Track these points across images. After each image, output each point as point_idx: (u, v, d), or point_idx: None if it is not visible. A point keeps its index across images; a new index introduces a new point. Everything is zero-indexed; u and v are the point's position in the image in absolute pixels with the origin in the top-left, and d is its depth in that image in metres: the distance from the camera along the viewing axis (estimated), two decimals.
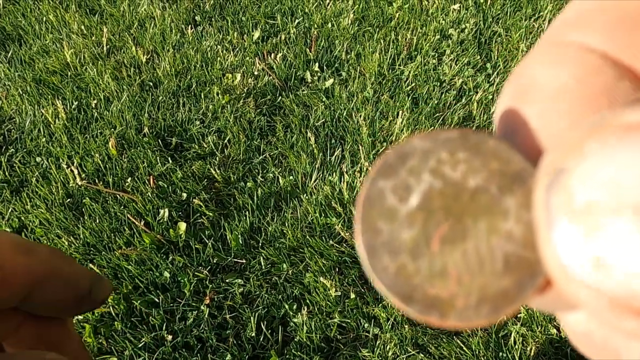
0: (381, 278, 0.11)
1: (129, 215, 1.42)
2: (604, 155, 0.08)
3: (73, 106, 1.74)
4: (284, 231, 1.42)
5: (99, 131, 1.68)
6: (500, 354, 1.21)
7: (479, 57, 1.95)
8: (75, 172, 1.50)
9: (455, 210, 0.11)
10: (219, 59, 1.91)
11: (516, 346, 1.22)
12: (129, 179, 1.53)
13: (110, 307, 1.25)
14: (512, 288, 0.10)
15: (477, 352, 1.21)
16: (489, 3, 2.19)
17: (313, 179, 1.54)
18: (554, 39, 0.11)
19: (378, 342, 1.23)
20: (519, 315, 1.27)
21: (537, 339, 1.23)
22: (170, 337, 1.22)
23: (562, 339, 1.21)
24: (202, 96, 1.79)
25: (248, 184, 1.53)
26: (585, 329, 0.11)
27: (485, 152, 0.11)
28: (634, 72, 0.10)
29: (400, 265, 0.11)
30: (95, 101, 1.76)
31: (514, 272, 0.10)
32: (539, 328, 1.24)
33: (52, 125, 1.69)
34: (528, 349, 1.22)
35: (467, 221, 0.11)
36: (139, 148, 1.62)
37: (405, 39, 2.00)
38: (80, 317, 1.24)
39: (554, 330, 1.23)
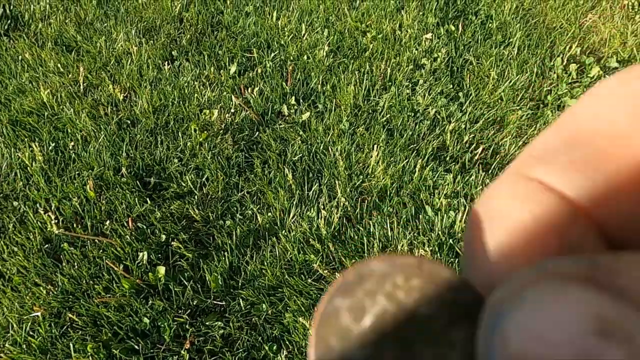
0: None
1: (107, 261, 1.42)
2: (538, 307, 0.08)
3: (50, 148, 1.75)
4: (263, 270, 1.43)
5: (76, 173, 1.68)
6: None
7: (451, 85, 2.00)
8: (53, 217, 1.50)
9: (406, 335, 0.11)
10: (196, 95, 1.93)
11: None
12: (107, 221, 1.54)
13: (90, 357, 1.25)
14: None
15: None
16: (460, 31, 2.25)
17: (291, 215, 1.56)
18: (519, 172, 0.11)
19: None
20: None
21: None
22: None
23: None
24: (180, 133, 1.80)
25: (227, 222, 1.54)
26: None
27: (439, 281, 0.11)
28: (589, 215, 0.10)
29: None
30: (72, 142, 1.76)
31: None
32: None
33: (29, 168, 1.69)
34: None
35: (415, 348, 0.11)
36: (117, 189, 1.62)
37: (380, 70, 2.04)
38: None
39: None
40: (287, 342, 1.30)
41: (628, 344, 0.07)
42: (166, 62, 2.08)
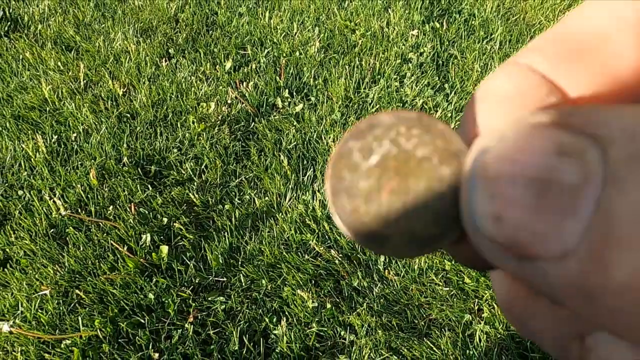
0: (339, 214, 0.14)
1: (112, 242, 1.48)
2: (514, 141, 0.10)
3: (53, 140, 1.81)
4: (262, 249, 1.50)
5: (79, 163, 1.74)
6: (467, 351, 1.31)
7: (437, 78, 2.10)
8: (58, 202, 1.56)
9: (404, 171, 0.13)
10: (193, 89, 2.01)
11: (481, 343, 1.32)
12: (111, 207, 1.60)
13: (98, 330, 1.31)
14: (436, 234, 0.13)
15: (445, 351, 1.31)
16: (444, 28, 2.35)
17: (287, 199, 1.63)
18: (513, 59, 0.14)
19: (354, 348, 1.31)
20: (483, 315, 1.37)
21: (500, 336, 1.33)
22: (156, 356, 1.28)
23: None
24: (179, 125, 1.87)
25: (226, 206, 1.61)
26: (505, 295, 0.14)
27: (434, 132, 0.14)
28: (563, 92, 0.13)
29: (355, 206, 0.13)
30: (74, 134, 1.83)
31: (439, 224, 0.13)
32: (501, 325, 1.34)
33: (32, 159, 1.74)
34: (492, 345, 1.32)
35: (411, 181, 0.13)
36: (119, 177, 1.69)
37: (369, 64, 2.14)
38: (68, 341, 1.29)
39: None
40: (286, 314, 1.37)
41: (580, 159, 0.09)
42: (163, 59, 2.16)
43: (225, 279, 1.45)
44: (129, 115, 1.92)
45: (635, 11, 0.12)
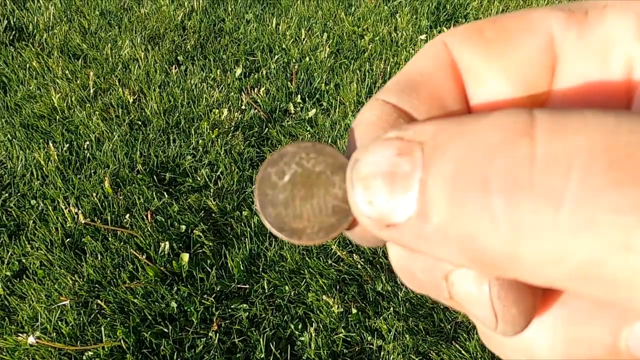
0: (267, 219, 0.18)
1: (131, 250, 1.45)
2: (373, 152, 0.15)
3: (64, 148, 1.78)
4: (283, 255, 1.48)
5: (92, 171, 1.72)
6: (496, 355, 1.30)
7: None
8: (74, 211, 1.53)
9: (308, 183, 0.18)
10: (204, 95, 2.00)
11: None
12: (127, 215, 1.57)
13: (121, 341, 1.28)
14: (336, 223, 0.18)
15: (474, 355, 1.29)
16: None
17: None
18: (375, 97, 0.19)
19: (382, 353, 1.30)
20: None
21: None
22: None
23: None
24: (192, 132, 1.86)
25: (244, 212, 1.59)
26: (396, 262, 0.18)
27: (325, 153, 0.19)
28: (408, 115, 0.18)
29: (277, 212, 0.18)
30: (86, 142, 1.80)
31: (337, 215, 0.18)
32: None
33: (44, 168, 1.72)
34: None
35: (314, 189, 0.18)
36: (133, 185, 1.66)
37: (379, 69, 2.14)
38: (90, 352, 1.26)
39: None
40: (312, 320, 1.35)
41: (411, 155, 0.14)
42: (173, 66, 2.15)
43: (247, 286, 1.42)
44: (140, 123, 1.90)
45: (448, 54, 0.19)
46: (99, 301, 1.35)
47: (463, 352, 1.30)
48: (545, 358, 0.16)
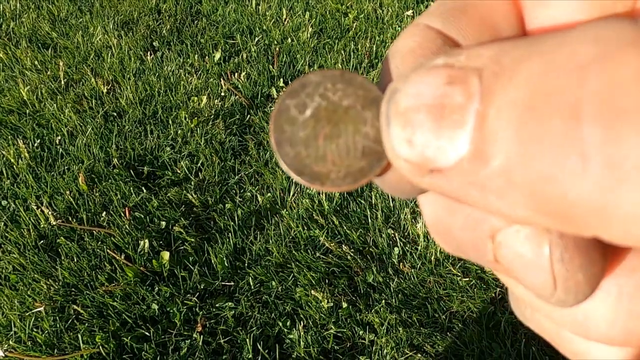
0: (284, 160, 0.16)
1: (108, 250, 1.38)
2: (417, 81, 0.13)
3: (35, 144, 1.69)
4: (269, 249, 1.42)
5: (66, 167, 1.63)
6: (492, 344, 1.25)
7: None
8: (47, 211, 1.45)
9: (334, 119, 0.16)
10: (182, 82, 1.90)
11: (507, 334, 1.26)
12: (104, 213, 1.49)
13: (100, 347, 1.21)
14: (366, 167, 0.16)
15: (471, 345, 1.24)
16: None
17: (291, 194, 1.55)
18: (414, 22, 0.17)
19: (375, 348, 1.24)
20: (506, 305, 1.31)
21: (525, 325, 1.27)
22: None
23: None
24: (170, 122, 1.77)
25: (227, 205, 1.52)
26: (431, 218, 0.16)
27: (355, 84, 0.16)
28: (454, 41, 0.16)
29: (296, 152, 0.16)
30: (58, 137, 1.71)
31: (368, 158, 0.16)
32: None
33: (15, 166, 1.63)
34: (518, 335, 1.26)
35: (341, 126, 0.16)
36: (110, 180, 1.58)
37: (365, 48, 2.04)
38: None
39: None
40: (301, 316, 1.29)
41: (464, 84, 0.12)
42: (148, 52, 2.04)
43: (232, 283, 1.36)
44: (115, 114, 1.81)
45: None
46: (75, 306, 1.28)
47: (459, 342, 1.25)
48: (601, 334, 0.14)
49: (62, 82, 1.91)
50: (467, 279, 1.36)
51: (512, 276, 0.14)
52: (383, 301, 1.31)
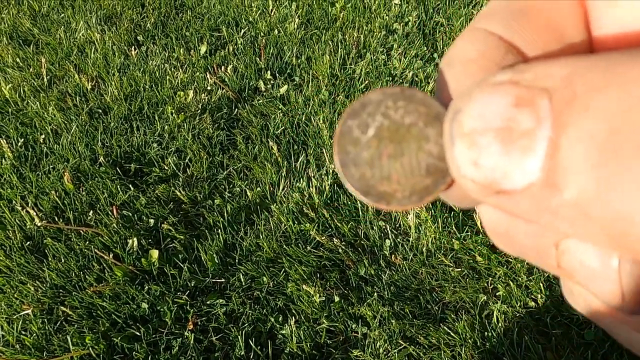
0: (350, 181, 0.16)
1: (96, 250, 1.36)
2: (481, 101, 0.12)
3: (19, 143, 1.66)
4: (260, 244, 1.40)
5: (51, 166, 1.60)
6: (486, 333, 1.25)
7: (425, 48, 2.00)
8: (32, 212, 1.43)
9: (397, 138, 0.16)
10: (168, 77, 1.87)
11: (499, 324, 1.26)
12: (90, 212, 1.47)
13: (90, 348, 1.20)
14: (431, 185, 0.16)
15: (463, 336, 1.24)
16: None
17: (281, 188, 1.53)
18: (472, 26, 0.16)
19: (368, 341, 1.24)
20: (498, 294, 1.31)
21: (518, 314, 1.27)
22: None
23: (541, 310, 1.26)
24: (156, 117, 1.74)
25: (216, 201, 1.50)
26: (492, 224, 0.16)
27: (416, 100, 0.16)
28: (517, 49, 0.15)
29: (362, 173, 0.16)
30: (42, 136, 1.68)
31: (432, 175, 0.16)
32: (518, 303, 1.28)
33: None
34: (511, 324, 1.26)
35: (403, 145, 0.16)
36: (96, 179, 1.56)
37: (353, 38, 2.02)
38: None
39: (532, 303, 1.28)
40: (293, 311, 1.28)
41: (532, 107, 0.12)
42: (132, 47, 2.00)
43: (223, 280, 1.35)
44: (100, 111, 1.78)
45: None
46: (64, 307, 1.27)
47: (452, 334, 1.25)
48: None
49: (45, 80, 1.88)
50: (459, 270, 1.36)
51: (576, 282, 0.14)
52: (375, 294, 1.31)
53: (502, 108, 0.12)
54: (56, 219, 1.46)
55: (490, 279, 1.34)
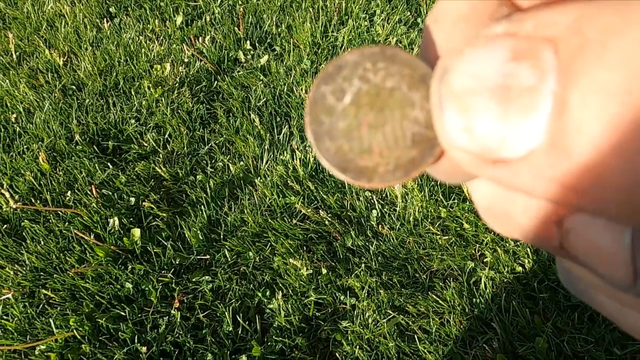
0: (325, 156, 0.14)
1: (76, 231, 1.32)
2: (473, 57, 0.11)
3: None
4: (244, 219, 1.38)
5: (24, 147, 1.54)
6: (474, 299, 1.25)
7: (409, 13, 1.94)
8: (7, 194, 1.38)
9: (377, 104, 0.14)
10: (143, 50, 1.80)
11: (487, 290, 1.26)
12: (69, 192, 1.43)
13: (74, 330, 1.18)
14: (418, 157, 0.14)
15: (452, 303, 1.24)
16: None
17: (264, 161, 1.50)
18: None
19: (356, 312, 1.23)
20: (485, 261, 1.30)
21: (505, 280, 1.27)
22: (144, 349, 1.17)
23: (529, 274, 1.26)
24: (133, 92, 1.68)
25: (198, 177, 1.46)
26: (485, 201, 0.14)
27: (398, 61, 0.14)
28: (514, 3, 0.13)
29: (338, 146, 0.14)
30: (14, 115, 1.61)
31: (419, 146, 0.14)
32: (506, 269, 1.28)
33: None
34: (498, 290, 1.26)
35: (385, 112, 0.14)
36: (73, 158, 1.51)
37: (334, 4, 1.95)
38: (42, 346, 1.16)
39: (520, 268, 1.28)
40: (280, 285, 1.27)
41: (534, 60, 0.10)
42: (105, 19, 1.92)
43: (208, 256, 1.32)
44: (74, 87, 1.71)
45: None
46: (45, 290, 1.24)
47: (440, 301, 1.25)
48: None
49: (14, 56, 1.79)
50: (447, 238, 1.35)
51: (581, 263, 0.13)
52: (363, 265, 1.30)
53: (498, 63, 0.11)
54: (33, 200, 1.41)
55: (477, 245, 1.33)
